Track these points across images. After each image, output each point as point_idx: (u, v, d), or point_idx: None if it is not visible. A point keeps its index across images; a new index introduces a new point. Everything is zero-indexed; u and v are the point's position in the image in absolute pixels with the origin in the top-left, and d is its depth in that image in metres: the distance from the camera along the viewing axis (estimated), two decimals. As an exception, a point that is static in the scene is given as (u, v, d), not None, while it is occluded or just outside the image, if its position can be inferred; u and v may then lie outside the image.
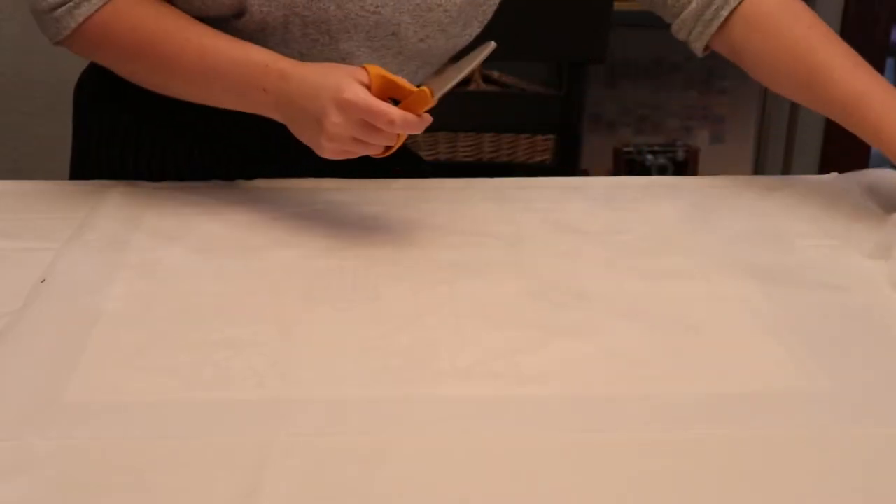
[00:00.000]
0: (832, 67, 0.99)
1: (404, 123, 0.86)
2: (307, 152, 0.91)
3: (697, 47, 1.07)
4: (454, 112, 0.96)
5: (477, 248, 0.92)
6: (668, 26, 1.09)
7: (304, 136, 0.91)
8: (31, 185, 1.06)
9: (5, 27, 2.23)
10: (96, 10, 0.94)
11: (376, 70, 0.89)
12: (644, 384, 0.72)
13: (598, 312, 0.82)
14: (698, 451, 0.65)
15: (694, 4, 1.04)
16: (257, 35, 0.95)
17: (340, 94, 0.86)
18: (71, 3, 0.94)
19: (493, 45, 0.92)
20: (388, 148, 0.90)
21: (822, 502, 0.61)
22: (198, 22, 0.95)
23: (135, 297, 0.83)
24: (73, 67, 1.18)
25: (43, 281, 0.84)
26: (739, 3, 1.03)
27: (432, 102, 0.87)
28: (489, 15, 1.04)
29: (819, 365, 0.74)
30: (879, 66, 2.47)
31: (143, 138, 1.09)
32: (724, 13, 1.04)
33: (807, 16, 1.03)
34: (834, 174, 1.11)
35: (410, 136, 0.93)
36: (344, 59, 0.97)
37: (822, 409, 0.70)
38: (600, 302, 0.83)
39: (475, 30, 1.03)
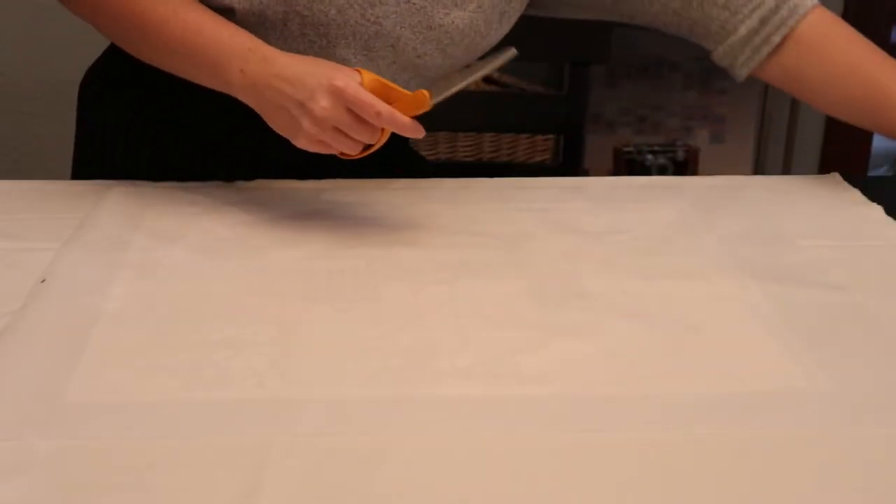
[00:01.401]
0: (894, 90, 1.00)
1: (391, 118, 0.85)
2: (307, 153, 0.91)
3: (742, 73, 1.06)
4: (454, 112, 0.96)
5: (477, 248, 0.92)
6: None
7: (277, 122, 0.90)
8: (31, 185, 1.06)
9: (5, 27, 2.24)
10: None
11: (371, 74, 0.88)
12: (644, 384, 0.72)
13: (598, 312, 0.82)
14: (698, 451, 0.65)
15: (743, 30, 1.03)
16: (257, 29, 0.95)
17: (332, 81, 0.85)
18: None
19: (513, 51, 0.90)
20: (365, 148, 0.89)
21: (821, 502, 0.61)
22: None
23: (135, 297, 0.83)
24: (73, 67, 1.18)
25: (43, 281, 0.84)
26: (793, 29, 1.02)
27: (427, 107, 0.86)
28: (491, 45, 1.03)
29: (819, 365, 0.74)
30: (879, 66, 2.47)
31: (145, 138, 1.09)
32: (777, 39, 1.02)
33: (857, 36, 1.03)
34: (834, 174, 1.11)
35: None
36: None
37: (821, 408, 0.70)
38: (600, 302, 0.83)
39: (475, 56, 1.03)
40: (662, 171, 2.41)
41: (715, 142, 2.50)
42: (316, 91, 0.86)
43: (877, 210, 1.01)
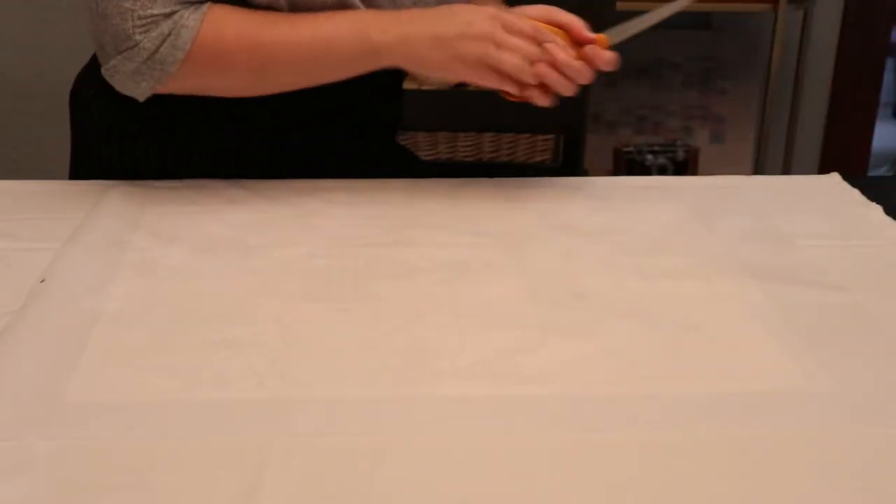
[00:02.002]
0: None
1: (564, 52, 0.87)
2: (306, 152, 0.91)
3: None
4: (454, 112, 0.95)
5: (477, 248, 0.92)
6: (668, 26, 1.09)
7: (434, 55, 0.90)
8: (31, 185, 1.06)
9: (5, 27, 2.24)
10: (198, 31, 0.92)
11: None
12: (644, 384, 0.72)
13: (597, 312, 0.82)
14: (698, 451, 0.65)
15: None
16: None
17: (484, 10, 0.89)
18: (171, 36, 0.92)
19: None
20: (523, 89, 0.89)
21: (821, 502, 0.61)
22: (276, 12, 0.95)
23: (134, 296, 0.83)
24: (73, 68, 1.18)
25: (42, 281, 0.84)
26: None
27: (605, 47, 0.86)
28: None
29: (819, 365, 0.74)
30: (879, 66, 2.47)
31: (139, 138, 1.09)
32: None
33: None
34: (833, 174, 1.11)
35: (411, 136, 0.93)
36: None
37: (821, 408, 0.70)
38: (600, 302, 0.83)
39: None
40: (662, 171, 2.41)
41: (715, 142, 2.50)
42: (471, 18, 0.88)
43: (876, 210, 1.02)
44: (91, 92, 1.12)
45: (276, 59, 0.95)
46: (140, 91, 0.95)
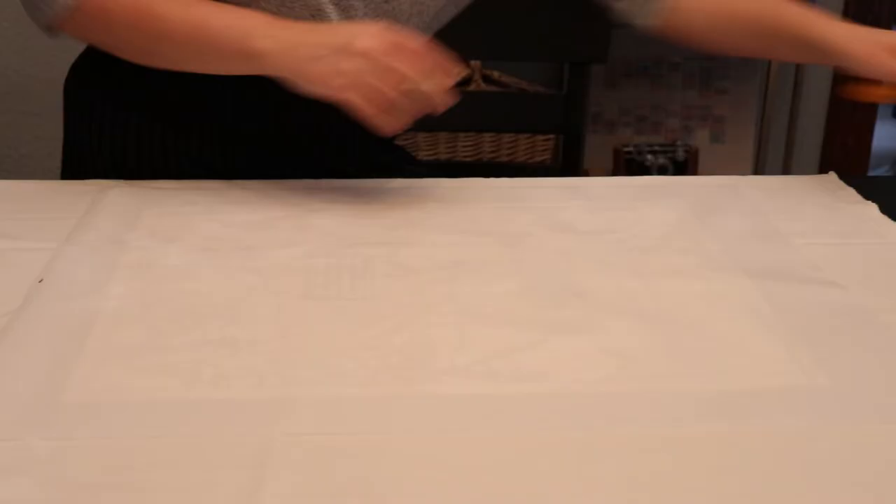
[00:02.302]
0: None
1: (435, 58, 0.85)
2: (305, 151, 0.91)
3: (646, 22, 1.11)
4: (454, 112, 0.95)
5: (475, 248, 0.92)
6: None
7: (313, 77, 0.89)
8: (30, 185, 1.06)
9: (5, 27, 2.24)
10: None
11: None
12: (642, 382, 0.72)
13: (596, 311, 0.82)
14: (697, 449, 0.65)
15: None
16: None
17: (372, 27, 0.87)
18: None
19: None
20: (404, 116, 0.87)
21: (820, 499, 0.61)
22: None
23: (133, 296, 0.83)
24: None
25: (41, 281, 0.84)
26: None
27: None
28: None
29: (817, 362, 0.74)
30: (879, 66, 2.47)
31: (129, 131, 1.09)
32: None
33: None
34: (830, 174, 1.11)
35: (411, 136, 0.93)
36: (313, 15, 0.98)
37: (820, 406, 0.70)
38: (599, 300, 0.83)
39: (446, 5, 1.03)
40: (662, 171, 2.41)
41: (715, 142, 2.50)
42: (357, 32, 0.86)
43: (872, 208, 1.02)
44: (76, 83, 1.12)
45: (163, 34, 0.94)
46: (39, 23, 0.99)
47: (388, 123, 0.88)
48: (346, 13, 1.00)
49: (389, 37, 0.86)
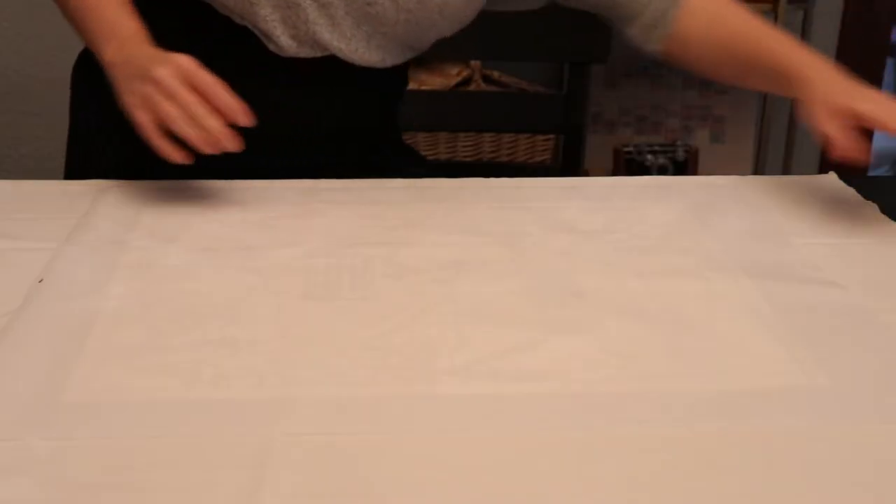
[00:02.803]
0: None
1: (219, 92, 0.89)
2: (304, 151, 0.91)
3: (654, 48, 1.13)
4: (454, 112, 0.95)
5: (475, 248, 0.92)
6: None
7: (125, 94, 0.94)
8: (30, 185, 1.06)
9: (5, 27, 2.24)
10: None
11: None
12: (642, 382, 0.72)
13: (596, 311, 0.82)
14: (697, 448, 0.65)
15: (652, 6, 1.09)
16: None
17: (176, 58, 0.91)
18: None
19: None
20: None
21: (819, 499, 0.61)
22: None
23: (133, 296, 0.83)
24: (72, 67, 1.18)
25: (40, 281, 0.84)
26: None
27: None
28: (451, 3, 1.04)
29: (817, 362, 0.74)
30: (879, 66, 2.47)
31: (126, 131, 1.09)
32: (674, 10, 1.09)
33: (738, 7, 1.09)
34: (830, 174, 1.11)
35: (411, 136, 0.93)
36: (289, 6, 1.01)
37: (820, 405, 0.70)
38: (598, 300, 0.83)
39: (433, 12, 1.04)
40: (662, 171, 2.41)
41: (715, 142, 2.50)
42: (161, 60, 0.91)
43: (871, 208, 1.02)
44: (78, 76, 1.13)
45: (66, 2, 1.02)
46: None
47: (169, 149, 0.92)
48: (326, 10, 1.02)
49: (188, 70, 0.90)
